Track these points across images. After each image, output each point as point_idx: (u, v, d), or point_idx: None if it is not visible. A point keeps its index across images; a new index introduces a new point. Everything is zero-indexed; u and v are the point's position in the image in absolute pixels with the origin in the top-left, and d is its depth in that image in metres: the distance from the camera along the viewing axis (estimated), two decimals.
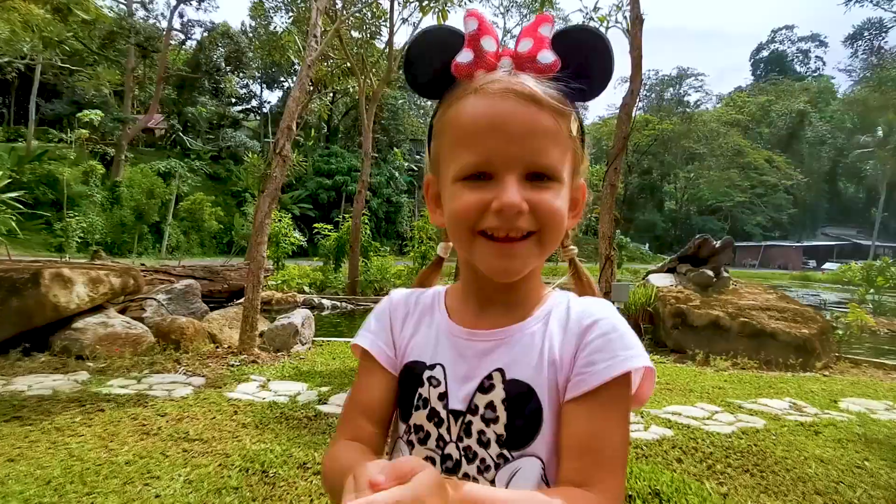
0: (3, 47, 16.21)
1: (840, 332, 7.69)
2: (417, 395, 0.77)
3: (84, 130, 27.92)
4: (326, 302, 11.80)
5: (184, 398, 4.21)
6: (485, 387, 0.72)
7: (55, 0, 14.50)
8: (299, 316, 6.48)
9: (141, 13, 34.02)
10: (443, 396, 0.75)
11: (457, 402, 0.74)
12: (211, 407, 4.02)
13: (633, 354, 0.68)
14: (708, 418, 4.25)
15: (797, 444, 3.69)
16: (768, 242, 52.68)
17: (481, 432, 0.72)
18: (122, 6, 32.41)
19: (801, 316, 6.89)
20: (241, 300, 7.72)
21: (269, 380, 4.90)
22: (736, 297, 7.75)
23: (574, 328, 0.71)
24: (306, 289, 12.84)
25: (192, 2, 35.44)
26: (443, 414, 0.74)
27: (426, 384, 0.77)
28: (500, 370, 0.72)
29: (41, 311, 5.23)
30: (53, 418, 3.65)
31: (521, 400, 0.70)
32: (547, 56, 0.69)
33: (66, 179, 21.01)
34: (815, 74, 71.27)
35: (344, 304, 11.97)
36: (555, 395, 0.70)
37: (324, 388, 4.65)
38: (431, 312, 0.83)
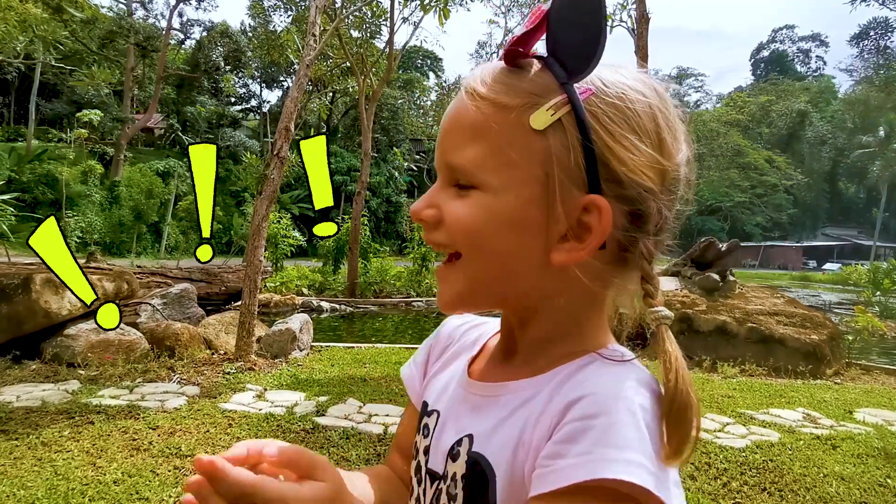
0: None
1: (850, 337, 7.54)
2: (414, 442, 0.68)
3: (83, 130, 27.74)
4: (325, 304, 11.66)
5: (177, 409, 4.06)
6: (454, 453, 0.58)
7: None
8: (297, 321, 6.34)
9: (140, 13, 33.92)
10: (427, 451, 0.63)
11: (436, 463, 0.61)
12: (205, 419, 3.88)
13: (619, 458, 0.43)
14: (720, 430, 4.11)
15: (815, 459, 3.55)
16: (768, 242, 52.57)
17: None
18: (121, 6, 32.27)
19: (810, 321, 6.75)
20: (239, 303, 7.57)
21: (265, 389, 4.75)
22: (743, 302, 7.61)
23: (561, 400, 0.50)
24: (305, 291, 12.70)
25: (191, 1, 35.33)
26: (423, 472, 0.63)
27: (420, 432, 0.66)
28: (470, 437, 0.57)
29: (32, 318, 5.09)
30: (41, 432, 3.51)
31: (478, 483, 0.54)
32: (515, 35, 0.54)
33: (66, 179, 20.87)
34: (816, 74, 71.17)
35: (343, 307, 11.83)
36: (519, 489, 0.51)
37: (322, 399, 4.50)
38: (468, 350, 0.70)
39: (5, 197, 8.27)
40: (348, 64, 12.95)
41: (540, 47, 0.55)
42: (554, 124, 0.50)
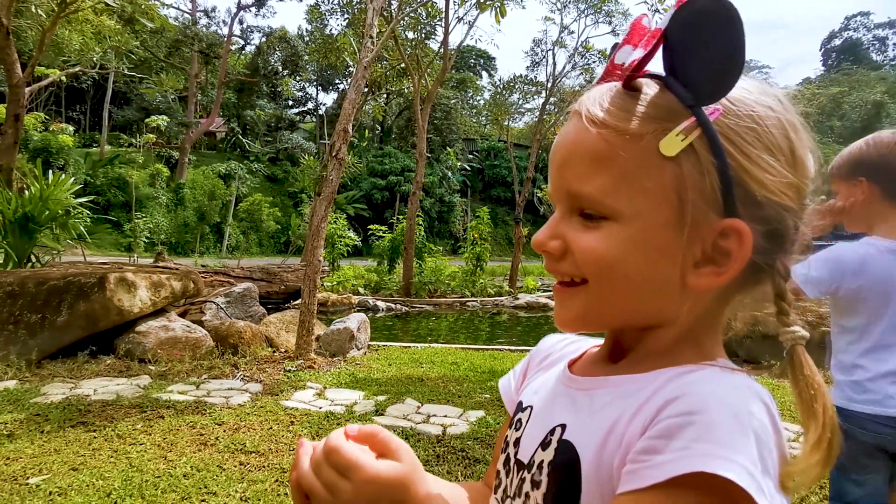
0: (74, 57, 17.03)
1: None
2: (505, 437, 0.68)
3: (151, 135, 29.22)
4: (381, 304, 11.80)
5: (241, 406, 4.18)
6: (545, 441, 0.57)
7: (122, 9, 15.13)
8: (355, 320, 6.42)
9: (203, 21, 35.33)
10: (517, 442, 0.63)
11: (525, 453, 0.60)
12: (268, 416, 3.97)
13: (718, 454, 0.42)
14: (794, 441, 3.89)
15: None
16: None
17: (527, 495, 0.57)
18: (186, 16, 33.71)
19: None
20: (298, 301, 7.75)
21: (325, 387, 4.83)
22: (815, 304, 7.20)
23: (658, 399, 0.49)
24: (361, 290, 12.88)
25: (251, 8, 36.52)
26: (512, 462, 0.63)
27: (512, 426, 0.67)
28: (563, 426, 0.56)
29: (106, 315, 5.34)
30: (116, 425, 3.67)
31: (564, 471, 0.53)
32: (626, 53, 0.52)
33: (135, 182, 21.97)
34: (894, 63, 67.07)
35: (399, 306, 11.93)
36: (606, 478, 0.50)
37: (381, 398, 4.53)
38: (569, 356, 0.69)
39: (81, 200, 8.74)
40: (403, 65, 13.05)
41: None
42: (685, 149, 0.49)
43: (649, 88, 0.51)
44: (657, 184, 0.50)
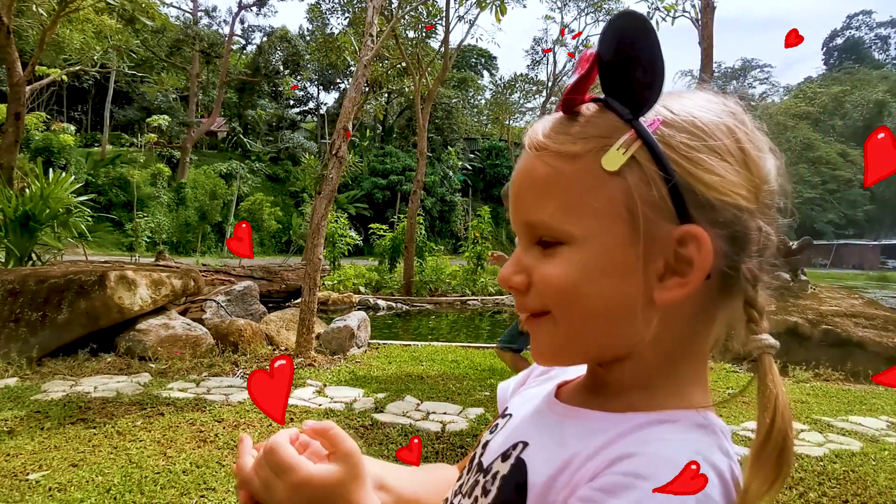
0: (75, 56, 17.05)
1: None
2: (480, 437, 0.68)
3: (152, 135, 29.28)
4: (382, 303, 11.80)
5: (241, 403, 4.18)
6: (506, 454, 0.57)
7: (122, 7, 15.15)
8: (355, 318, 6.43)
9: (205, 20, 35.36)
10: (485, 445, 0.63)
11: (487, 457, 0.61)
12: None
13: None
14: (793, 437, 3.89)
15: None
16: (841, 241, 49.76)
17: (476, 499, 0.57)
18: (187, 15, 33.76)
19: (892, 324, 6.33)
20: (299, 300, 7.76)
21: (325, 385, 4.84)
22: (816, 303, 7.22)
23: (616, 448, 0.49)
24: (362, 289, 12.89)
25: (252, 8, 36.55)
26: (475, 462, 0.63)
27: (489, 429, 0.67)
28: (525, 444, 0.56)
29: (107, 313, 5.35)
30: (116, 422, 3.68)
31: (515, 490, 0.53)
32: (570, 81, 0.52)
33: (136, 182, 22.01)
34: None
35: (399, 305, 11.94)
36: None
37: (380, 395, 4.54)
38: (564, 375, 0.68)
39: (83, 199, 8.75)
40: (404, 64, 13.05)
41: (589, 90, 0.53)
42: (628, 162, 0.49)
43: (589, 111, 0.51)
44: (605, 201, 0.49)
